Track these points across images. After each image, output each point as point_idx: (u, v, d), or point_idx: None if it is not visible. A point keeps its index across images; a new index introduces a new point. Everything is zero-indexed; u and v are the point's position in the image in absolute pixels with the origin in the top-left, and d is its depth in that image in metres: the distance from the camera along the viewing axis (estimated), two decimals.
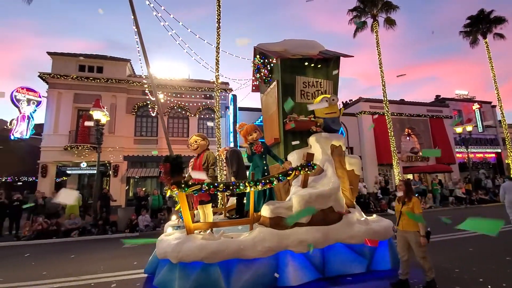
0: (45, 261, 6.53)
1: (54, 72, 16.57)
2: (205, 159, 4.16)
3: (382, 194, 16.13)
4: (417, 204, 3.76)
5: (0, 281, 4.97)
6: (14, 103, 16.35)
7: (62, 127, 16.32)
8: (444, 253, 5.77)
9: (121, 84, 17.38)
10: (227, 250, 3.37)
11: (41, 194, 11.78)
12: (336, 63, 5.44)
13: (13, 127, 16.24)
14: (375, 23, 18.51)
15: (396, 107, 21.00)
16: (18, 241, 9.59)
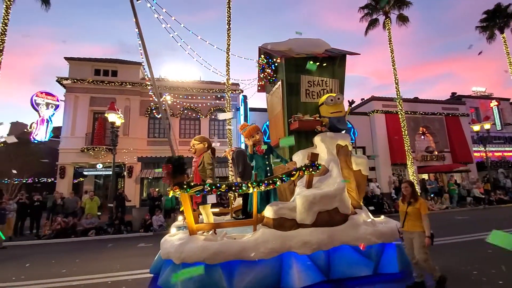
0: (64, 259, 6.77)
1: (71, 76, 17.13)
2: (201, 161, 4.18)
3: (397, 194, 15.84)
4: (424, 205, 3.72)
5: (22, 279, 5.19)
6: (33, 107, 16.98)
7: (79, 129, 16.83)
8: (461, 254, 5.64)
9: (135, 87, 17.78)
10: (229, 251, 3.38)
11: (60, 195, 12.20)
12: (342, 61, 5.37)
13: (33, 130, 16.87)
14: (387, 20, 18.19)
15: (410, 105, 20.55)
16: (39, 240, 9.98)
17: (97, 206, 11.95)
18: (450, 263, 5.08)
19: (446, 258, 5.42)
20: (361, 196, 4.70)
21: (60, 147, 16.66)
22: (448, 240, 7.05)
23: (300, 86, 5.13)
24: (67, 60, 17.54)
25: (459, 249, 6.16)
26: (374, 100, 20.78)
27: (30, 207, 11.17)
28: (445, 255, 5.61)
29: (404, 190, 3.85)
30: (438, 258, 5.39)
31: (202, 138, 4.48)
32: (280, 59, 5.19)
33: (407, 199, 3.77)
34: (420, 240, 3.58)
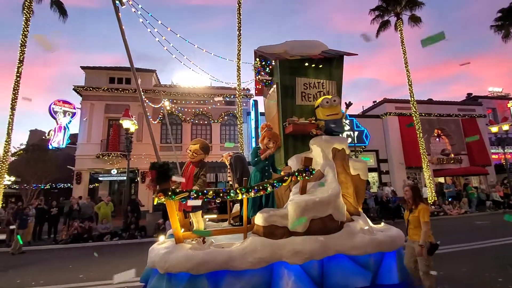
0: (81, 264, 6.91)
1: (87, 85, 17.67)
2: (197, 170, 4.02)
3: None
4: (424, 211, 3.51)
5: (42, 283, 5.34)
6: (51, 114, 17.58)
7: (95, 136, 17.29)
8: (483, 261, 5.42)
9: (148, 94, 18.14)
10: (214, 261, 3.24)
11: (76, 200, 12.50)
12: (339, 63, 5.23)
13: (51, 137, 17.44)
14: (399, 22, 17.94)
15: (424, 107, 20.10)
16: (56, 245, 10.23)
17: (110, 211, 12.18)
18: (471, 271, 4.91)
19: (466, 265, 5.23)
20: (360, 202, 4.55)
21: (76, 153, 17.14)
22: (469, 246, 6.81)
23: (296, 88, 5.02)
24: (83, 69, 18.11)
25: (480, 255, 5.93)
26: (387, 103, 20.45)
27: (48, 213, 11.49)
28: (464, 262, 5.42)
29: (405, 194, 3.70)
30: (457, 265, 5.23)
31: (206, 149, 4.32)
32: (275, 62, 5.11)
33: (409, 205, 3.62)
34: (424, 251, 3.40)
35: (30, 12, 14.63)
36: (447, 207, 14.84)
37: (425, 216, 3.45)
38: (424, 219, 3.44)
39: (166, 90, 18.71)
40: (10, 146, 14.10)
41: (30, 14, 14.62)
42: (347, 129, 18.80)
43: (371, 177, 19.80)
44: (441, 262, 5.50)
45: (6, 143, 13.54)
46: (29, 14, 14.56)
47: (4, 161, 13.61)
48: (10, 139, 13.72)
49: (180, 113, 18.69)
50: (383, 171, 19.53)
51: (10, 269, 6.68)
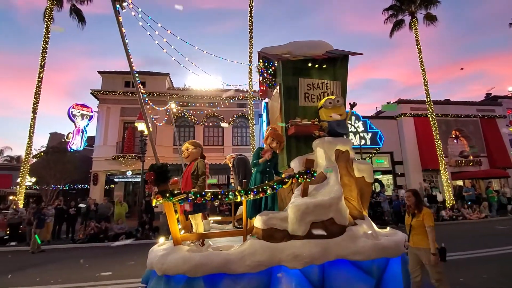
0: (97, 263, 7.10)
1: (103, 89, 18.21)
2: (194, 168, 3.98)
3: (429, 202, 15.00)
4: (429, 216, 3.37)
5: (60, 282, 5.52)
6: (70, 118, 18.20)
7: (111, 138, 17.77)
8: (505, 267, 5.21)
9: (161, 97, 18.49)
10: (211, 263, 3.19)
11: (93, 201, 12.87)
12: (344, 62, 5.11)
13: (70, 140, 18.05)
14: (414, 21, 17.58)
15: (440, 108, 19.54)
16: (74, 244, 10.54)
17: (125, 211, 12.45)
18: (492, 278, 4.72)
19: (487, 271, 5.04)
20: (365, 205, 4.43)
21: (93, 155, 17.66)
22: (489, 252, 6.56)
23: (299, 89, 4.93)
24: (100, 73, 18.68)
25: (501, 262, 5.70)
26: (402, 103, 20.00)
27: (67, 213, 11.87)
28: (485, 269, 5.22)
29: (407, 200, 3.55)
30: (478, 272, 5.05)
31: (197, 143, 4.31)
32: (277, 63, 5.05)
33: (411, 210, 3.48)
34: (428, 258, 3.26)
35: (50, 19, 15.26)
36: (466, 211, 14.34)
37: (430, 221, 3.33)
38: (430, 224, 3.31)
39: (178, 93, 19.02)
40: (31, 149, 14.71)
41: (50, 22, 15.25)
42: (361, 131, 18.52)
43: (385, 180, 19.39)
44: (460, 269, 5.33)
45: (28, 146, 14.13)
46: (49, 22, 15.18)
47: (26, 162, 14.21)
48: (31, 141, 14.31)
49: (193, 115, 18.94)
50: (398, 173, 19.09)
51: (29, 267, 6.93)
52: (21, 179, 13.76)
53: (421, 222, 3.33)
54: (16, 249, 9.87)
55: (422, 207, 3.44)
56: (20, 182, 13.72)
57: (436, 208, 14.64)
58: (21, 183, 13.67)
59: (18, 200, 13.00)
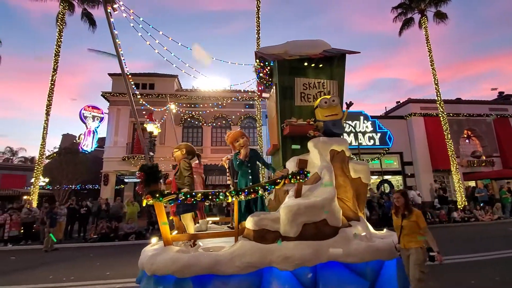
0: (108, 262, 7.24)
1: (114, 91, 18.56)
2: (178, 169, 4.00)
3: (441, 203, 14.73)
4: (421, 216, 3.34)
5: (72, 280, 5.66)
6: (82, 119, 18.60)
7: (121, 139, 18.08)
8: None
9: (170, 99, 18.69)
10: (199, 264, 3.17)
11: (104, 201, 13.12)
12: (341, 61, 5.01)
13: (81, 141, 18.44)
14: (424, 19, 17.30)
15: (451, 107, 19.14)
16: (86, 243, 10.77)
17: (137, 211, 12.65)
18: (506, 281, 4.62)
19: (499, 274, 4.93)
20: (361, 206, 4.35)
21: (104, 156, 18.00)
22: (502, 254, 6.43)
23: (295, 89, 4.88)
24: (110, 76, 19.03)
25: None
26: (411, 103, 19.68)
27: (78, 212, 12.14)
28: (498, 271, 5.11)
29: (396, 201, 3.48)
30: (490, 274, 4.94)
31: (182, 145, 4.32)
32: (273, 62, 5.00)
33: (401, 211, 3.43)
34: (416, 257, 3.20)
35: (63, 24, 15.65)
36: (478, 213, 14.02)
37: (423, 222, 3.31)
38: (423, 224, 3.28)
39: (186, 94, 19.23)
40: (45, 150, 15.10)
41: (63, 26, 15.63)
42: (370, 131, 18.31)
43: (395, 180, 19.12)
44: (472, 271, 5.23)
45: (42, 147, 14.51)
46: (62, 26, 15.57)
47: (40, 163, 14.59)
48: (45, 142, 14.70)
49: (201, 116, 19.10)
50: (408, 174, 18.79)
51: (43, 265, 7.13)
52: (35, 180, 14.14)
53: (413, 223, 3.29)
54: (30, 248, 10.15)
55: (412, 208, 3.41)
56: (34, 182, 14.10)
57: (447, 209, 14.38)
58: (35, 183, 14.05)
59: (32, 200, 13.36)
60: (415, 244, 3.25)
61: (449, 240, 8.73)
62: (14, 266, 7.08)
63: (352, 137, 18.12)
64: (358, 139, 18.11)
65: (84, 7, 16.98)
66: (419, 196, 14.85)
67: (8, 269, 6.69)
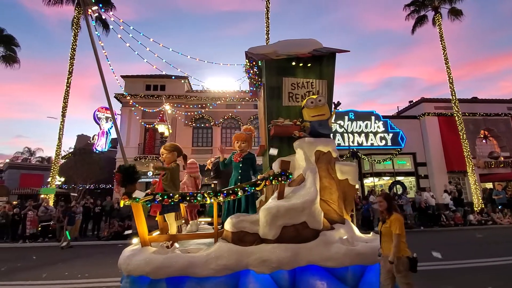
0: None
1: (126, 92, 18.92)
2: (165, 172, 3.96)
3: (456, 206, 14.33)
4: (396, 222, 3.07)
5: (86, 276, 5.82)
6: (95, 120, 19.08)
7: (133, 140, 18.44)
8: None
9: (180, 100, 18.94)
10: (174, 266, 3.14)
11: (116, 200, 13.40)
12: (331, 60, 4.89)
13: (95, 142, 18.91)
14: (438, 16, 16.90)
15: (467, 106, 18.57)
16: (99, 241, 11.04)
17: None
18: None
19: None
20: (348, 208, 4.24)
21: (117, 156, 18.39)
22: None
23: (282, 89, 4.78)
24: (122, 77, 19.44)
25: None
26: (425, 102, 19.23)
27: (93, 211, 12.46)
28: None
29: (379, 205, 3.31)
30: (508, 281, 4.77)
31: (172, 147, 4.25)
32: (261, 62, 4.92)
33: (383, 215, 3.26)
34: (396, 269, 2.99)
35: (78, 28, 16.11)
36: (496, 216, 13.56)
37: (397, 228, 3.03)
38: (396, 231, 3.02)
39: (196, 95, 19.42)
40: (61, 150, 15.58)
41: (78, 30, 16.09)
42: (381, 131, 18.01)
43: (407, 182, 18.72)
44: (490, 276, 5.08)
45: (58, 147, 14.98)
46: (77, 30, 16.03)
47: (56, 163, 15.06)
48: (61, 143, 15.17)
49: (211, 116, 19.26)
50: (421, 175, 18.36)
51: (59, 262, 7.37)
52: (51, 179, 14.61)
53: (389, 229, 3.11)
54: (47, 245, 10.48)
55: (393, 212, 3.20)
56: (51, 181, 14.57)
57: (463, 212, 13.98)
58: (52, 183, 14.51)
59: (49, 198, 13.80)
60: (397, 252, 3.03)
61: (463, 242, 8.51)
62: (33, 263, 7.34)
63: (363, 137, 17.88)
64: (369, 140, 17.86)
65: (98, 11, 17.41)
66: (432, 198, 14.49)
67: (28, 266, 6.96)
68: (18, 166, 27.74)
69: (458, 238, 9.82)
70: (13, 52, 17.19)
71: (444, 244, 8.62)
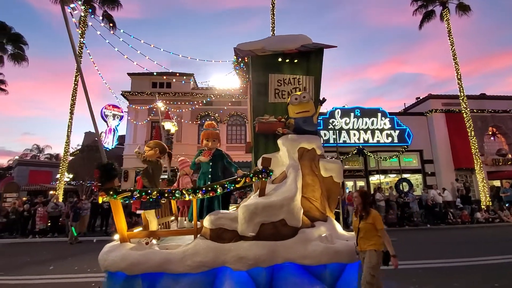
0: None
1: (133, 90, 19.15)
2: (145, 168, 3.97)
3: (463, 203, 14.19)
4: (378, 218, 3.17)
5: (95, 271, 5.98)
6: (103, 118, 19.28)
7: (139, 137, 18.63)
8: None
9: (186, 97, 19.05)
10: (149, 262, 3.17)
11: None
12: (318, 56, 4.80)
13: (103, 139, 19.13)
14: (445, 11, 16.62)
15: (475, 103, 18.25)
16: (107, 236, 11.22)
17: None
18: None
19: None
20: (332, 206, 4.20)
21: (124, 153, 18.63)
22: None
23: (269, 85, 4.71)
24: (129, 75, 19.61)
25: None
26: (432, 99, 18.97)
27: (101, 207, 12.66)
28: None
29: (354, 201, 3.35)
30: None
31: (154, 144, 4.25)
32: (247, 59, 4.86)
33: (359, 211, 3.29)
34: (369, 259, 3.07)
35: (85, 26, 16.25)
36: (503, 214, 13.41)
37: (381, 224, 3.14)
38: (381, 227, 3.12)
39: (202, 92, 19.49)
40: (69, 147, 15.81)
41: (85, 28, 16.23)
42: (388, 128, 17.87)
43: (414, 179, 18.58)
44: (495, 274, 5.07)
45: (66, 144, 15.21)
46: (84, 28, 16.17)
47: (65, 160, 15.31)
48: (69, 140, 15.40)
49: (216, 114, 19.33)
50: (428, 172, 18.19)
51: (68, 256, 7.55)
52: (60, 175, 14.87)
53: (370, 225, 3.14)
54: (56, 240, 10.70)
55: (370, 209, 3.24)
56: (60, 178, 14.83)
57: (470, 210, 13.84)
58: (60, 179, 14.77)
59: (58, 194, 14.05)
60: (370, 247, 3.12)
61: (472, 241, 8.44)
62: (43, 257, 7.53)
63: (369, 134, 17.76)
64: (375, 137, 17.74)
65: (104, 9, 17.57)
66: (440, 196, 14.36)
67: (38, 260, 7.14)
68: (27, 163, 28.25)
69: (465, 236, 9.75)
70: (22, 50, 17.48)
71: (451, 242, 8.58)
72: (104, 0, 17.44)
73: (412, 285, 4.52)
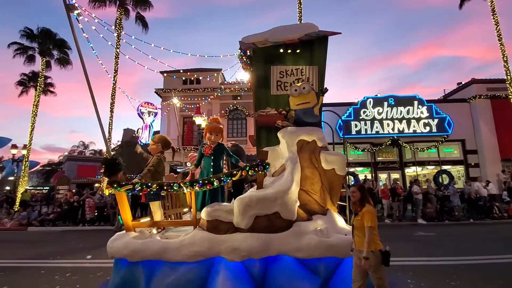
0: None
1: (165, 87, 19.99)
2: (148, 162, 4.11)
3: (510, 197, 13.09)
4: (368, 214, 2.90)
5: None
6: (139, 115, 20.43)
7: (172, 132, 19.50)
8: None
9: (215, 92, 19.50)
10: (148, 250, 3.37)
11: None
12: (322, 44, 4.58)
13: (139, 135, 20.33)
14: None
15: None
16: None
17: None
18: None
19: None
20: (334, 200, 4.04)
21: None
22: None
23: (271, 77, 4.62)
24: (161, 73, 20.47)
25: None
26: (475, 84, 17.51)
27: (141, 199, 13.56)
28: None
29: (352, 196, 3.12)
30: None
31: (158, 138, 4.35)
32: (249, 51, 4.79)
33: (356, 207, 3.07)
34: (368, 263, 2.81)
35: (120, 28, 17.22)
36: None
37: (369, 220, 2.86)
38: (368, 224, 2.85)
39: (231, 87, 19.83)
40: (110, 143, 17.06)
41: (121, 30, 17.20)
42: (425, 117, 16.87)
43: (455, 171, 17.44)
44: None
45: (108, 141, 16.44)
46: (120, 30, 17.14)
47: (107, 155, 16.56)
48: (110, 137, 16.61)
49: (245, 108, 19.60)
50: (471, 163, 16.95)
51: None
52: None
53: (361, 221, 2.95)
54: (102, 228, 11.70)
55: (365, 204, 3.01)
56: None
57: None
58: None
59: (102, 187, 15.28)
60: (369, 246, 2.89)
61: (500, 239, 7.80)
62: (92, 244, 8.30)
63: (404, 124, 16.93)
64: (411, 126, 16.86)
65: (137, 11, 18.42)
66: (484, 188, 13.36)
67: (88, 246, 7.90)
68: (75, 159, 30.94)
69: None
70: (66, 54, 18.98)
71: (496, 238, 8.01)
72: (137, 2, 18.26)
73: (452, 282, 4.34)
